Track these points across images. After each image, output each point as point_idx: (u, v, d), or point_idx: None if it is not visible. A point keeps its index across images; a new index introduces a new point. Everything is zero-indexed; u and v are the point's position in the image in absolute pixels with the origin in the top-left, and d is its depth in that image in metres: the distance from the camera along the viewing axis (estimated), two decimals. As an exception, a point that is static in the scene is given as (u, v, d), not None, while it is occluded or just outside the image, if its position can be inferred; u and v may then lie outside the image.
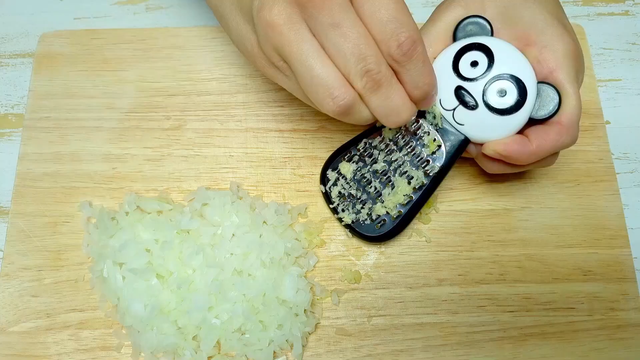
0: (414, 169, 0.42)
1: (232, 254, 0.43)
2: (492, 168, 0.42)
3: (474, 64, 0.39)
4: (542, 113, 0.39)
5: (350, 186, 0.44)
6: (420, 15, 0.56)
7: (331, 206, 0.44)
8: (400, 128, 0.42)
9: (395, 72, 0.34)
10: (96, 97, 0.50)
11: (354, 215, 0.43)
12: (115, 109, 0.49)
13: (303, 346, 0.42)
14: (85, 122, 0.49)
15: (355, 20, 0.32)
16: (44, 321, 0.43)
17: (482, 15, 0.40)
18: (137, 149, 0.48)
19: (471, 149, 0.42)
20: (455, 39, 0.41)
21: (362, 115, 0.35)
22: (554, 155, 0.41)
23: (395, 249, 0.45)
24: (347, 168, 0.44)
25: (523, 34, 0.40)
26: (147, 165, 0.47)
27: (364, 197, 0.43)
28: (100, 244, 0.43)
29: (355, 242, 0.45)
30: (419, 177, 0.42)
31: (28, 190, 0.46)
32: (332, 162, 0.45)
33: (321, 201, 0.46)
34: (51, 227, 0.45)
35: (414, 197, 0.42)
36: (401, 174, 0.42)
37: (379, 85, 0.33)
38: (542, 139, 0.39)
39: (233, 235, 0.43)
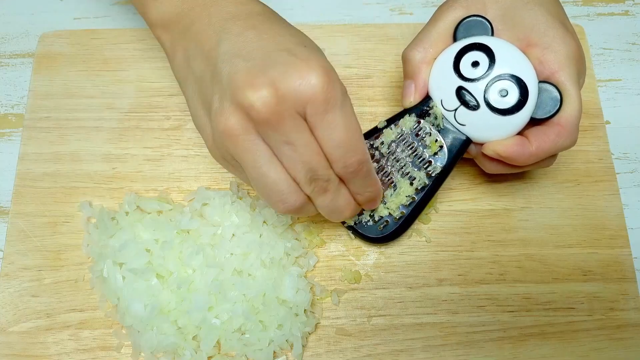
0: (416, 169, 0.42)
1: (232, 254, 0.43)
2: (492, 168, 0.42)
3: (475, 64, 0.39)
4: (543, 113, 0.39)
5: None
6: (420, 15, 0.56)
7: None
8: (401, 129, 0.42)
9: (343, 181, 0.36)
10: (96, 97, 0.50)
11: (356, 216, 0.43)
12: (115, 109, 0.49)
13: (303, 346, 0.42)
14: (85, 122, 0.49)
15: (308, 140, 0.33)
16: (44, 321, 0.43)
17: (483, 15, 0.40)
18: (137, 149, 0.48)
19: (471, 149, 0.42)
20: (455, 39, 0.41)
21: (310, 211, 0.37)
22: (552, 156, 0.41)
23: (395, 249, 0.45)
24: None
25: (524, 36, 0.40)
26: (147, 165, 0.47)
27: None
28: (100, 244, 0.43)
29: (355, 242, 0.45)
30: (421, 178, 0.42)
31: (28, 190, 0.46)
32: None
33: (321, 201, 0.46)
34: (51, 227, 0.45)
35: (417, 198, 0.42)
36: (403, 175, 0.42)
37: (325, 191, 0.35)
38: (541, 141, 0.39)
39: (233, 235, 0.43)
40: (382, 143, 0.43)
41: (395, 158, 0.42)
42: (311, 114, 0.32)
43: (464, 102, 0.39)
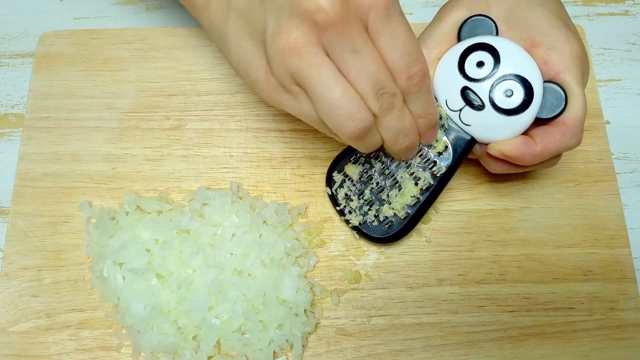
0: (420, 169, 0.42)
1: (232, 254, 0.43)
2: (496, 168, 0.42)
3: (480, 64, 0.39)
4: (549, 113, 0.39)
5: (357, 188, 0.44)
6: (420, 15, 0.56)
7: (338, 208, 0.44)
8: None
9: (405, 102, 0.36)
10: (96, 97, 0.50)
11: (361, 217, 0.43)
12: (115, 109, 0.49)
13: (303, 346, 0.42)
14: (85, 122, 0.49)
15: (372, 49, 0.33)
16: (44, 321, 0.43)
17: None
18: (137, 149, 0.48)
19: (475, 148, 0.42)
20: (459, 39, 0.41)
21: (373, 141, 0.36)
22: (557, 156, 0.41)
23: (395, 249, 0.45)
24: (353, 170, 0.44)
25: (528, 36, 0.40)
26: (147, 165, 0.47)
27: (371, 198, 0.43)
28: (100, 244, 0.43)
29: (355, 242, 0.45)
30: (425, 178, 0.41)
31: (28, 190, 0.46)
32: (337, 164, 0.45)
33: (321, 201, 0.46)
34: (51, 227, 0.45)
35: (421, 198, 0.42)
36: (408, 175, 0.42)
37: (393, 107, 0.34)
38: (547, 141, 0.39)
39: (233, 235, 0.43)
40: None
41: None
42: (374, 21, 0.32)
43: (468, 102, 0.39)
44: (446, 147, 0.41)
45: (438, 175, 0.41)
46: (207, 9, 0.39)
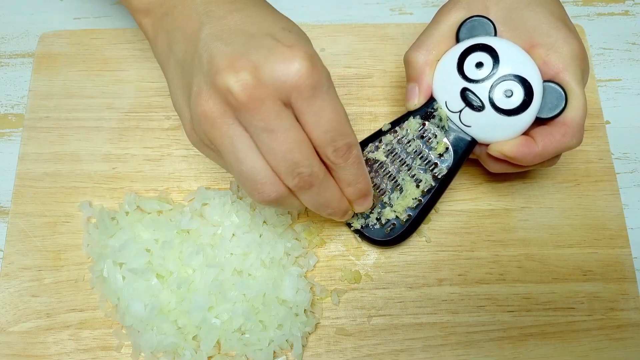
0: (422, 172, 0.42)
1: (232, 254, 0.43)
2: (496, 168, 0.42)
3: (479, 65, 0.39)
4: (549, 113, 0.39)
5: None
6: (420, 15, 0.56)
7: None
8: (406, 131, 0.42)
9: (331, 172, 0.36)
10: (96, 97, 0.50)
11: (362, 220, 0.43)
12: (115, 109, 0.49)
13: (303, 346, 0.42)
14: (85, 122, 0.49)
15: (289, 128, 0.32)
16: (44, 321, 0.43)
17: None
18: (137, 149, 0.48)
19: (476, 149, 0.42)
20: (458, 40, 0.41)
21: (294, 205, 0.36)
22: (557, 155, 0.41)
23: (395, 249, 0.45)
24: None
25: (527, 37, 0.40)
26: (147, 165, 0.47)
27: (372, 201, 0.43)
28: (100, 244, 0.43)
29: (355, 242, 0.45)
30: (427, 180, 0.41)
31: (28, 190, 0.46)
32: None
33: (321, 201, 0.46)
34: (51, 227, 0.45)
35: (423, 200, 0.42)
36: (409, 178, 0.42)
37: (310, 185, 0.34)
38: (547, 140, 0.39)
39: (233, 235, 0.43)
40: (387, 146, 0.43)
41: (400, 161, 0.42)
42: (296, 99, 0.32)
43: (468, 104, 0.39)
44: (447, 148, 0.41)
45: (439, 177, 0.41)
46: (155, 44, 0.38)
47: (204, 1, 0.35)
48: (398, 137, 0.43)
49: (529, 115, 0.39)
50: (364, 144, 0.44)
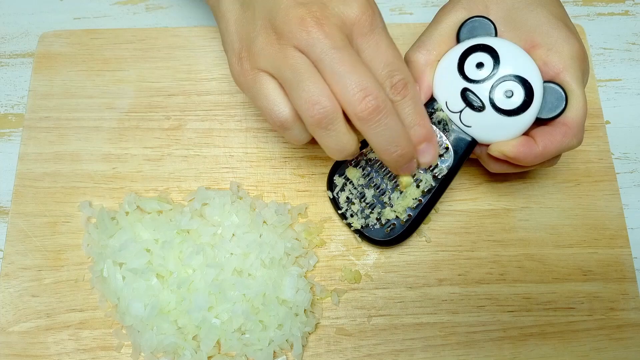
0: (422, 172, 0.42)
1: (232, 254, 0.43)
2: (496, 168, 0.42)
3: (480, 65, 0.39)
4: (549, 113, 0.39)
5: (358, 191, 0.44)
6: (420, 15, 0.56)
7: (339, 212, 0.44)
8: None
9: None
10: (96, 97, 0.50)
11: (362, 220, 0.43)
12: (115, 109, 0.49)
13: (303, 346, 0.42)
14: (85, 122, 0.49)
15: (355, 55, 0.34)
16: (44, 321, 0.43)
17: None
18: (137, 149, 0.48)
19: (476, 149, 0.42)
20: (459, 40, 0.41)
21: (341, 132, 0.35)
22: (557, 156, 0.41)
23: (395, 249, 0.45)
24: (354, 173, 0.44)
25: (528, 37, 0.40)
26: (147, 165, 0.47)
27: (373, 201, 0.43)
28: (100, 243, 0.43)
29: (355, 242, 0.45)
30: (427, 180, 0.41)
31: (28, 190, 0.46)
32: (338, 168, 0.45)
33: (321, 201, 0.46)
34: (51, 227, 0.45)
35: (423, 200, 0.42)
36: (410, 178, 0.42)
37: (378, 112, 0.34)
38: (548, 141, 0.39)
39: (233, 235, 0.43)
40: None
41: None
42: (357, 35, 0.35)
43: (469, 104, 0.39)
44: (447, 148, 0.41)
45: (439, 177, 0.41)
46: None
47: None
48: None
49: (529, 116, 0.39)
50: (364, 144, 0.44)
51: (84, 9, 0.56)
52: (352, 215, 0.44)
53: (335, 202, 0.45)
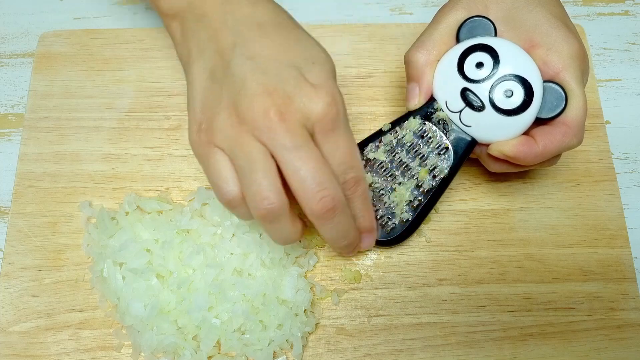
0: (419, 168, 0.42)
1: (232, 254, 0.43)
2: (496, 167, 0.42)
3: (479, 65, 0.39)
4: (549, 113, 0.39)
5: None
6: (420, 15, 0.56)
7: None
8: (406, 131, 0.42)
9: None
10: (96, 97, 0.50)
11: None
12: (115, 109, 0.49)
13: (303, 346, 0.42)
14: (85, 122, 0.49)
15: (315, 150, 0.34)
16: (44, 321, 0.43)
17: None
18: (137, 149, 0.48)
19: (475, 149, 0.42)
20: (458, 40, 0.41)
21: (287, 225, 0.36)
22: (557, 155, 0.41)
23: (395, 249, 0.45)
24: None
25: (527, 37, 0.40)
26: (147, 165, 0.47)
27: (373, 201, 0.43)
28: (100, 243, 0.43)
29: (355, 242, 0.45)
30: (427, 180, 0.41)
31: (28, 190, 0.46)
32: None
33: (321, 201, 0.46)
34: (51, 227, 0.45)
35: (423, 200, 0.42)
36: (409, 178, 0.42)
37: (334, 210, 0.35)
38: (548, 140, 0.38)
39: (233, 235, 0.43)
40: (387, 145, 0.43)
41: (400, 161, 0.42)
42: (318, 132, 0.35)
43: (468, 104, 0.39)
44: (447, 148, 0.41)
45: (439, 177, 0.41)
46: (183, 46, 0.39)
47: (234, 19, 0.37)
48: (398, 137, 0.43)
49: (529, 115, 0.39)
50: (364, 144, 0.44)
51: (84, 9, 0.56)
52: None
53: None
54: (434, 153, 0.41)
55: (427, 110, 0.42)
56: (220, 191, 0.35)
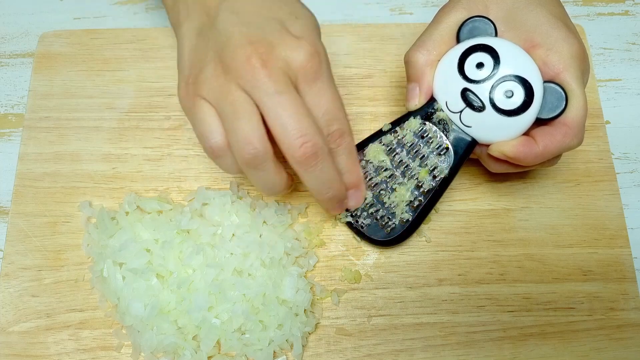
0: (419, 169, 0.42)
1: (232, 254, 0.43)
2: (496, 168, 0.42)
3: (480, 65, 0.39)
4: (549, 113, 0.39)
5: None
6: (420, 15, 0.56)
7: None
8: (406, 132, 0.42)
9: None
10: (96, 97, 0.50)
11: (362, 220, 0.43)
12: (115, 109, 0.49)
13: (303, 346, 0.42)
14: (85, 122, 0.49)
15: (297, 98, 0.34)
16: (44, 321, 0.43)
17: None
18: (137, 149, 0.48)
19: (476, 149, 0.42)
20: (459, 40, 0.40)
21: (270, 173, 0.36)
22: (557, 156, 0.41)
23: (395, 249, 0.45)
24: None
25: (527, 37, 0.40)
26: (147, 165, 0.47)
27: (372, 201, 0.43)
28: (100, 243, 0.43)
29: (355, 242, 0.45)
30: (427, 180, 0.41)
31: (28, 190, 0.46)
32: None
33: (321, 201, 0.46)
34: (51, 227, 0.45)
35: (423, 200, 0.42)
36: (409, 178, 0.42)
37: (315, 157, 0.35)
38: (548, 141, 0.38)
39: (233, 235, 0.43)
40: (387, 146, 0.43)
41: (400, 161, 0.42)
42: (301, 81, 0.35)
43: (469, 104, 0.39)
44: (447, 148, 0.41)
45: (439, 177, 0.41)
46: (172, 10, 0.40)
47: None
48: (398, 137, 0.43)
49: (529, 116, 0.39)
50: (363, 144, 0.44)
51: (84, 9, 0.56)
52: (352, 215, 0.44)
53: None
54: (434, 153, 0.41)
55: (428, 111, 0.42)
56: (206, 141, 0.36)
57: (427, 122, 0.42)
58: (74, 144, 0.48)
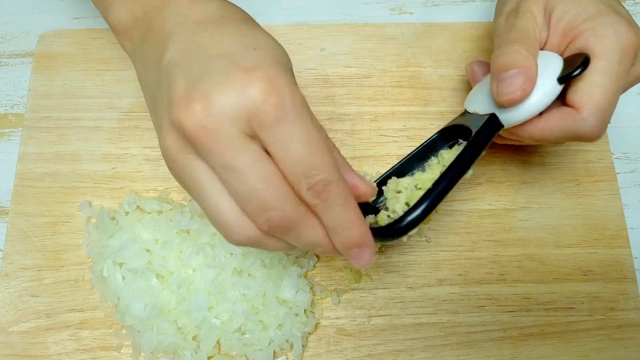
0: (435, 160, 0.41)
1: (232, 253, 0.43)
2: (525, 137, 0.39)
3: None
4: (566, 71, 0.37)
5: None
6: (420, 15, 0.56)
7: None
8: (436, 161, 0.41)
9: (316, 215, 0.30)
10: (96, 97, 0.50)
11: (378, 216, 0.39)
12: (115, 108, 0.49)
13: (303, 346, 0.42)
14: (85, 122, 0.49)
15: (252, 162, 0.28)
16: (44, 321, 0.43)
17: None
18: (137, 149, 0.48)
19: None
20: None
21: (278, 247, 0.31)
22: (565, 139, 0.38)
23: (395, 249, 0.45)
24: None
25: (569, 25, 0.38)
26: (146, 165, 0.47)
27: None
28: (100, 243, 0.43)
29: (355, 242, 0.45)
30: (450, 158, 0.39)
31: (28, 190, 0.46)
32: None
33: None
34: (51, 227, 0.45)
35: (440, 186, 0.36)
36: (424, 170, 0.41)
37: (284, 231, 0.29)
38: (552, 123, 0.37)
39: (233, 235, 0.43)
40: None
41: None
42: (260, 129, 0.28)
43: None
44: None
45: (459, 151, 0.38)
46: (135, 68, 0.36)
47: (172, 22, 0.32)
48: (438, 169, 0.40)
49: (548, 81, 0.37)
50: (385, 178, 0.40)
51: (84, 9, 0.56)
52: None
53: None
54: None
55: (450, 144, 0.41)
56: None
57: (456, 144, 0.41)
58: (74, 144, 0.48)
